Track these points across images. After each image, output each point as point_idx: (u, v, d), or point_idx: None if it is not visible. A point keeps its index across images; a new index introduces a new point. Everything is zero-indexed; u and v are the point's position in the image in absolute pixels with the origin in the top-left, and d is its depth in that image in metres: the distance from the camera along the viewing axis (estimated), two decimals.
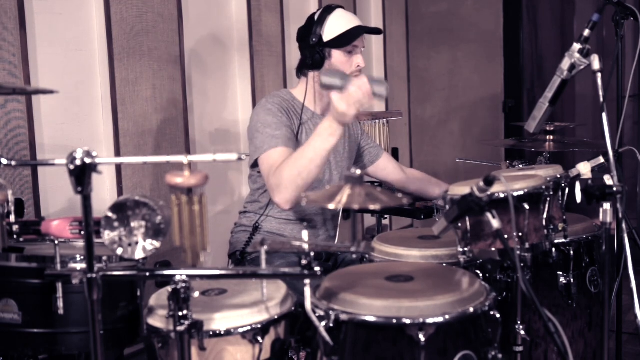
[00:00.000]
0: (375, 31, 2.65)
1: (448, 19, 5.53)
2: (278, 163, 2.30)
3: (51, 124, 2.93)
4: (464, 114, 5.54)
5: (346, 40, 2.53)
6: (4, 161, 1.49)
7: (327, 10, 2.57)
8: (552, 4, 5.27)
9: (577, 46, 2.05)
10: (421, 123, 5.73)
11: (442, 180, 2.99)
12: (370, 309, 1.63)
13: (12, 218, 1.61)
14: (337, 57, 2.55)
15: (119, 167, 3.15)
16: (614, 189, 1.84)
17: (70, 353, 1.84)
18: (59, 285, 1.65)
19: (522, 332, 2.02)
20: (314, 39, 2.52)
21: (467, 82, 5.50)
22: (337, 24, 2.54)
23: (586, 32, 2.06)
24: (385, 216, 3.69)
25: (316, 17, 2.57)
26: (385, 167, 2.95)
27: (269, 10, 4.05)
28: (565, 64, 2.08)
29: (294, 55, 4.32)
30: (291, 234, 2.59)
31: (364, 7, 5.14)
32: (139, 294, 1.70)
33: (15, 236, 1.64)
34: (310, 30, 2.56)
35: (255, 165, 2.46)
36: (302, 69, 2.63)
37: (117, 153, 3.14)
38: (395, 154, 3.78)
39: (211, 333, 1.66)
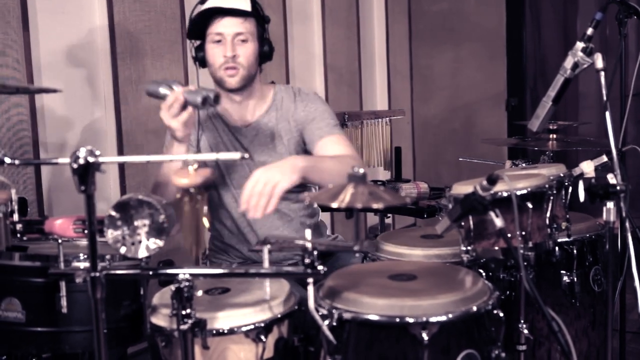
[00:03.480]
0: (230, 11, 2.24)
1: (450, 17, 5.53)
2: None
3: (54, 123, 2.93)
4: (467, 112, 5.54)
5: (198, 27, 2.28)
6: (8, 160, 1.49)
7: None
8: (555, 3, 5.26)
9: (580, 45, 2.05)
10: (424, 122, 5.72)
11: (445, 179, 2.99)
12: (374, 307, 1.63)
13: (16, 217, 1.61)
14: (207, 49, 2.30)
15: (122, 166, 3.15)
16: (617, 187, 1.83)
17: (74, 352, 1.84)
18: (63, 284, 1.66)
19: (526, 331, 2.01)
20: (188, 35, 2.34)
21: (469, 80, 5.50)
22: (195, 12, 2.29)
23: (589, 31, 2.06)
24: (388, 215, 3.69)
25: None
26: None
27: (271, 9, 4.05)
28: (569, 62, 2.08)
29: (296, 54, 4.33)
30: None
31: (367, 5, 5.14)
32: (142, 292, 1.70)
33: (18, 235, 1.64)
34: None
35: None
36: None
37: (120, 152, 3.14)
38: (397, 153, 3.78)
39: (214, 332, 1.66)
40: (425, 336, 1.57)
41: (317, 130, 2.37)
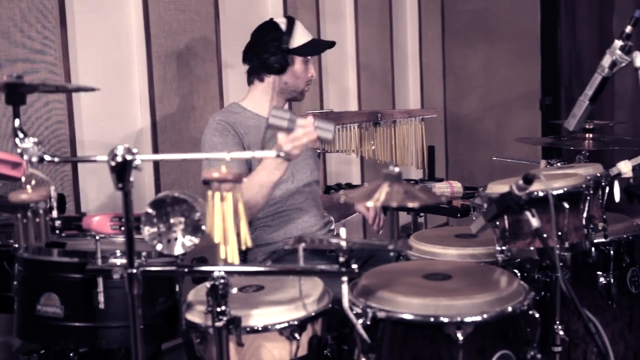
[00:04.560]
0: (331, 44, 2.82)
1: (484, 15, 5.48)
2: None
3: (90, 121, 2.97)
4: (500, 111, 5.49)
5: (312, 49, 2.72)
6: (48, 157, 1.52)
7: (291, 20, 2.69)
8: (591, 0, 5.19)
9: (618, 43, 2.02)
10: (457, 121, 5.68)
11: (477, 179, 2.97)
12: (408, 306, 1.63)
13: (55, 213, 1.63)
14: (298, 64, 2.66)
15: (156, 164, 3.18)
16: None
17: (110, 347, 1.87)
18: (100, 280, 1.68)
19: (561, 333, 1.99)
20: (283, 45, 2.61)
21: (503, 79, 5.45)
22: (302, 33, 2.67)
23: (628, 29, 2.03)
24: (421, 214, 3.67)
25: (282, 25, 2.65)
26: None
27: (305, 7, 4.05)
28: (606, 61, 2.05)
29: (329, 53, 4.30)
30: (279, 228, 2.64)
31: (400, 4, 5.12)
32: (177, 289, 1.72)
33: (57, 231, 1.66)
34: (275, 36, 2.63)
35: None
36: (259, 74, 2.68)
37: (155, 150, 3.17)
38: (431, 152, 3.75)
39: (248, 329, 1.67)
40: (460, 336, 1.57)
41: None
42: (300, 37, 2.66)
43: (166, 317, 1.79)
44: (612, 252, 2.28)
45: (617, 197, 2.08)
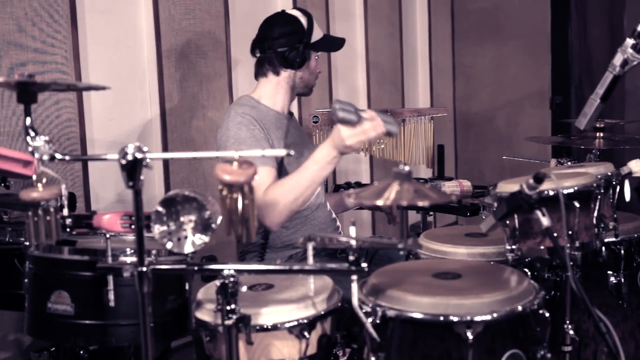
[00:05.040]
0: (343, 40, 2.79)
1: (494, 14, 5.47)
2: (265, 184, 2.28)
3: (101, 120, 2.98)
4: (510, 110, 5.47)
5: (332, 45, 2.75)
6: (59, 156, 1.52)
7: (309, 14, 2.62)
8: None
9: (630, 41, 2.01)
10: (466, 120, 5.67)
11: (487, 178, 2.96)
12: (418, 305, 1.63)
13: (65, 212, 1.64)
14: (312, 60, 2.64)
15: (166, 163, 3.19)
16: None
17: (120, 345, 1.88)
18: (110, 278, 1.69)
19: (571, 332, 1.98)
20: (306, 40, 2.55)
21: (513, 78, 5.43)
22: (317, 28, 2.62)
23: (639, 27, 2.02)
24: (430, 213, 3.67)
25: (302, 19, 2.58)
26: None
27: (314, 7, 4.05)
28: (618, 59, 2.04)
29: (339, 52, 4.30)
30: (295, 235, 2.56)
31: (409, 3, 5.12)
32: (187, 287, 1.72)
33: (67, 229, 1.67)
34: (295, 30, 2.56)
35: None
36: (275, 67, 2.58)
37: (165, 149, 3.18)
38: (440, 151, 3.75)
39: (258, 327, 1.67)
40: (469, 335, 1.56)
41: None
42: (317, 32, 2.60)
43: (176, 315, 1.79)
44: (622, 251, 2.27)
45: (627, 196, 2.08)
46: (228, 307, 1.55)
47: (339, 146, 2.13)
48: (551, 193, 1.85)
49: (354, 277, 1.57)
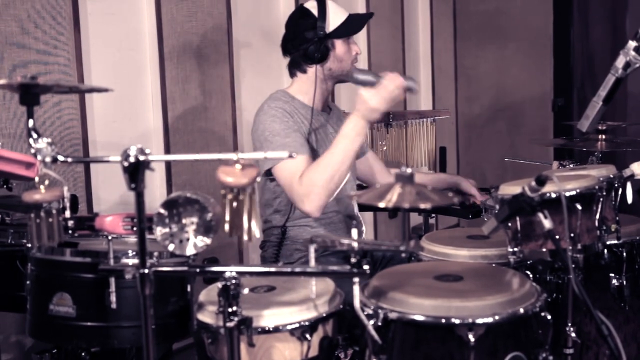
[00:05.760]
0: (369, 16, 2.69)
1: (496, 16, 5.47)
2: (300, 171, 2.24)
3: (103, 122, 2.98)
4: (512, 112, 5.47)
5: (352, 28, 2.54)
6: (61, 158, 1.52)
7: (322, 2, 2.50)
8: (604, 1, 5.16)
9: (632, 44, 2.01)
10: (468, 122, 5.67)
11: (489, 180, 2.96)
12: (420, 308, 1.63)
13: (67, 213, 1.64)
14: (339, 47, 2.51)
15: (168, 165, 3.19)
16: None
17: (122, 346, 1.88)
18: (112, 280, 1.69)
19: (573, 335, 1.98)
20: (320, 32, 2.46)
21: (515, 80, 5.43)
22: (335, 13, 2.51)
23: None
24: (432, 215, 3.66)
25: (314, 10, 2.49)
26: (372, 165, 2.86)
27: None
28: (620, 62, 2.04)
29: None
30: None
31: (411, 5, 5.12)
32: (189, 289, 1.72)
33: (69, 231, 1.67)
34: (309, 24, 2.48)
35: (267, 174, 2.41)
36: (300, 66, 2.54)
37: (167, 151, 3.18)
38: (442, 153, 3.75)
39: (260, 330, 1.67)
40: (471, 337, 1.56)
41: None
42: (335, 17, 2.49)
43: (177, 317, 1.79)
44: (624, 253, 2.26)
45: (629, 199, 2.07)
46: (230, 309, 1.55)
47: (364, 113, 2.14)
48: (553, 195, 1.85)
49: (356, 279, 1.56)
